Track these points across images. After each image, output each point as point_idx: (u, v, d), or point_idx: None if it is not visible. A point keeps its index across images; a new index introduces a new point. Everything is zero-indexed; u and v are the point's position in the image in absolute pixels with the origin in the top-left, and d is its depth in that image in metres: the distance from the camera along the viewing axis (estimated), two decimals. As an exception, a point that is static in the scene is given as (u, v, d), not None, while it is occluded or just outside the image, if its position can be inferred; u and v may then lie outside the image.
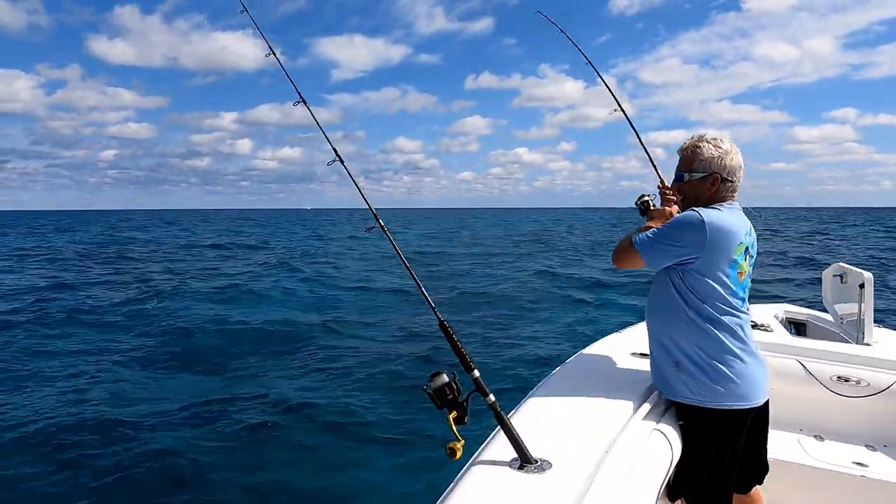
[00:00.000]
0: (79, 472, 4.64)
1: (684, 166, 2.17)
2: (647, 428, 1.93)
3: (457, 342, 1.75)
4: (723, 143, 2.12)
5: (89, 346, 8.79)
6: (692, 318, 2.04)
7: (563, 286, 14.94)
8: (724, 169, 2.09)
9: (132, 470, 4.67)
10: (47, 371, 7.42)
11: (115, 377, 7.10)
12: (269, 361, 7.84)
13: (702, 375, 2.04)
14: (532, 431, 1.69)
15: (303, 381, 6.89)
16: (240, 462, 4.78)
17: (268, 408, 5.89)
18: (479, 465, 1.57)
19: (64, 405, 6.12)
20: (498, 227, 59.81)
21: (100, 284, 15.77)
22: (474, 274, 18.01)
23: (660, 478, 1.77)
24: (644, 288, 14.92)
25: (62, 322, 10.48)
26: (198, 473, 4.60)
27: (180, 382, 7.02)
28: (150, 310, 11.71)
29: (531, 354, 8.04)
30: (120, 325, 10.38)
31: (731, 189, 2.13)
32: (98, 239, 38.83)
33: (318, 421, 5.53)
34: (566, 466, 1.56)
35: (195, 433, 5.33)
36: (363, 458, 4.82)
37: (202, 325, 10.02)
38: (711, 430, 2.07)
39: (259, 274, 17.82)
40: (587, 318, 10.98)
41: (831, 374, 3.14)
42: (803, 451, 2.93)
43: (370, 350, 8.25)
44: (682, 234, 2.00)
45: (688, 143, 2.18)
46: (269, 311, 11.55)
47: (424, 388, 1.62)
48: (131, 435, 5.27)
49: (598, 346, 2.85)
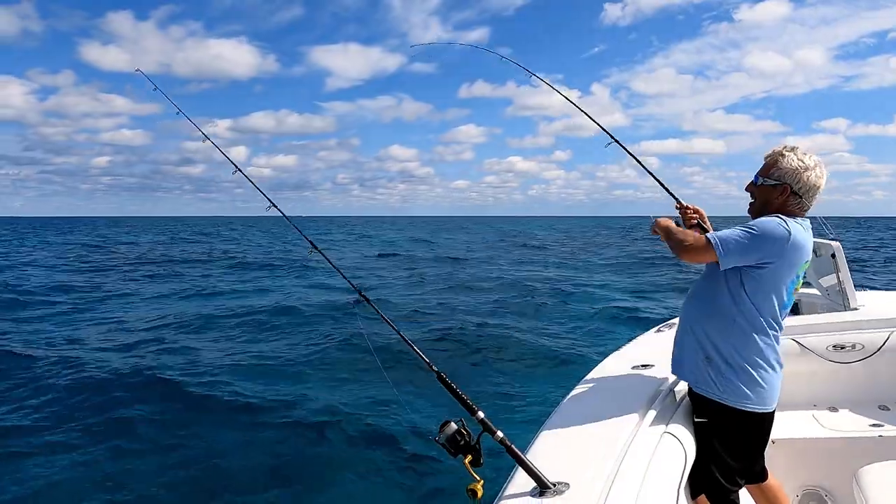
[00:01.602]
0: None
1: (763, 170, 2.18)
2: (657, 432, 2.00)
3: (455, 389, 1.82)
4: (807, 159, 2.10)
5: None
6: (739, 322, 2.08)
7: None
8: (798, 183, 2.09)
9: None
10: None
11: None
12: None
13: (732, 375, 2.09)
14: (548, 458, 1.77)
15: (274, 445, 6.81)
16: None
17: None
18: (503, 501, 1.64)
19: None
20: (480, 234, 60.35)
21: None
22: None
23: (676, 478, 1.84)
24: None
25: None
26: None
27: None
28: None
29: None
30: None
31: (798, 206, 2.13)
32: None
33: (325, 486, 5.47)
34: (583, 484, 1.63)
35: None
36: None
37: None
38: (731, 428, 2.14)
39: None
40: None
41: (826, 344, 3.21)
42: (820, 425, 2.96)
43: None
44: (766, 240, 2.01)
45: (776, 149, 2.19)
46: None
47: (436, 439, 1.69)
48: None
49: (601, 368, 2.91)
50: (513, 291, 16.57)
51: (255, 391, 7.90)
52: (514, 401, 7.35)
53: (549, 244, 42.69)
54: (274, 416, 6.88)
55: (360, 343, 10.25)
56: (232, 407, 7.21)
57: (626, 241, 47.29)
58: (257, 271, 23.96)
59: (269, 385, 8.24)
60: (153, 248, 37.73)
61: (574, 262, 27.51)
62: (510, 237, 56.96)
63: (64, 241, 47.38)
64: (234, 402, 7.39)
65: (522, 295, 15.92)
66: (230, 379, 8.48)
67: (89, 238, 54.63)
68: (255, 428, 6.54)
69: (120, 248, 38.57)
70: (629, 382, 2.57)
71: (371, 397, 7.82)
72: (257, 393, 7.81)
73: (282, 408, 7.20)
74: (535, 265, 26.12)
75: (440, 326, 12.06)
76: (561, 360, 9.16)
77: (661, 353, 2.85)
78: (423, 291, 17.48)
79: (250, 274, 22.94)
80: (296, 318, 13.16)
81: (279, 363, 9.45)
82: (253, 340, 11.11)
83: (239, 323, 12.70)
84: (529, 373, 8.71)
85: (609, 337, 10.55)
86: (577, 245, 41.11)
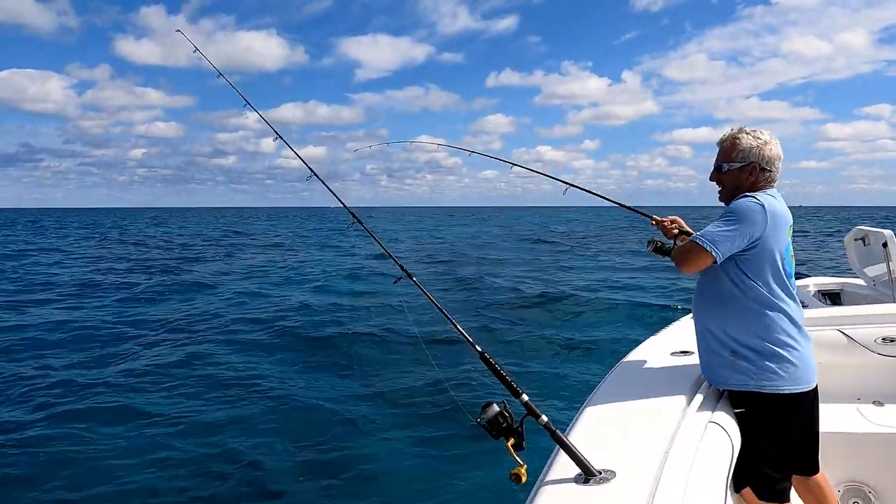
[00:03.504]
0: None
1: (723, 157, 2.24)
2: (702, 421, 1.95)
3: (500, 371, 1.79)
4: (762, 134, 2.18)
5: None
6: (750, 307, 2.09)
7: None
8: (763, 159, 2.16)
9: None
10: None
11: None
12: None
13: (762, 361, 2.07)
14: (591, 444, 1.73)
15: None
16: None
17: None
18: (546, 486, 1.60)
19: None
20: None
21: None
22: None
23: (724, 469, 1.78)
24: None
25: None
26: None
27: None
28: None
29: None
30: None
31: (769, 179, 2.20)
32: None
33: (371, 474, 5.54)
34: (630, 474, 1.58)
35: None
36: (431, 495, 4.82)
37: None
38: (772, 416, 2.10)
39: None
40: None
41: (875, 336, 3.10)
42: (865, 419, 2.88)
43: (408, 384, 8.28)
44: (747, 221, 2.05)
45: (727, 134, 2.25)
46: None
47: (478, 421, 1.66)
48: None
49: (639, 352, 2.86)
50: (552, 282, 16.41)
51: (287, 372, 8.09)
52: (556, 385, 7.29)
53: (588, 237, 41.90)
54: (309, 395, 7.09)
55: (402, 322, 10.39)
56: (265, 391, 7.36)
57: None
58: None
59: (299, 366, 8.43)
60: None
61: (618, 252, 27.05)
62: (543, 228, 56.42)
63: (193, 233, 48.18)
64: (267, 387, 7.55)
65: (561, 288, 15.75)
66: (260, 361, 8.75)
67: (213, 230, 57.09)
68: (291, 410, 6.66)
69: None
70: (670, 368, 2.51)
71: (413, 375, 7.90)
72: (292, 374, 8.00)
73: (317, 385, 7.40)
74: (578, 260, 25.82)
75: (482, 309, 12.07)
76: (598, 348, 9.05)
77: None
78: (457, 276, 17.53)
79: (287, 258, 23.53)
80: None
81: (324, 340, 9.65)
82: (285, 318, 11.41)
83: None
84: (569, 358, 8.62)
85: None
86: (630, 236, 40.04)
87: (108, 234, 46.77)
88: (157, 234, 47.17)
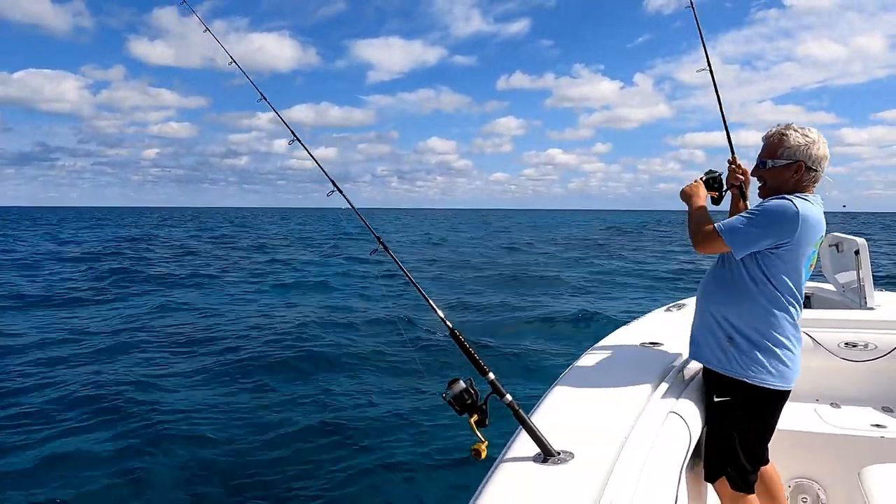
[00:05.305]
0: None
1: (768, 153, 2.15)
2: (664, 410, 1.99)
3: (469, 349, 1.81)
4: (810, 132, 2.10)
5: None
6: (759, 302, 2.09)
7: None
8: (810, 158, 2.07)
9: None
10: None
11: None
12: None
13: (756, 353, 2.09)
14: (553, 425, 1.76)
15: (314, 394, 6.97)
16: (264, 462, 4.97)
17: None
18: (505, 463, 1.64)
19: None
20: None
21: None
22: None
23: (680, 458, 1.82)
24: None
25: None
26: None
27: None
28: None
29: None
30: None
31: (813, 179, 2.11)
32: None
33: (341, 432, 5.58)
34: (587, 456, 1.62)
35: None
36: (392, 464, 4.88)
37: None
38: (755, 406, 2.14)
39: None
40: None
41: (838, 341, 3.18)
42: (821, 419, 2.96)
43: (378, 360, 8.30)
44: (776, 223, 2.01)
45: (774, 129, 2.16)
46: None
47: (444, 396, 1.68)
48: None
49: (609, 340, 2.90)
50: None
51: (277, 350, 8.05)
52: (525, 366, 7.39)
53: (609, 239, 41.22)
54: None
55: (380, 301, 10.37)
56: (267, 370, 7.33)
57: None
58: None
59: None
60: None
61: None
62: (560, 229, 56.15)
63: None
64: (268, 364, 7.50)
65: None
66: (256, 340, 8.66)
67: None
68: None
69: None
70: (638, 358, 2.55)
71: (384, 353, 7.94)
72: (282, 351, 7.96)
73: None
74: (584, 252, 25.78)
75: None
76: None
77: (670, 332, 2.85)
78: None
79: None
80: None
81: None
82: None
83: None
84: (546, 343, 8.72)
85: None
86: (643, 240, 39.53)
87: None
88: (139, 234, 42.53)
